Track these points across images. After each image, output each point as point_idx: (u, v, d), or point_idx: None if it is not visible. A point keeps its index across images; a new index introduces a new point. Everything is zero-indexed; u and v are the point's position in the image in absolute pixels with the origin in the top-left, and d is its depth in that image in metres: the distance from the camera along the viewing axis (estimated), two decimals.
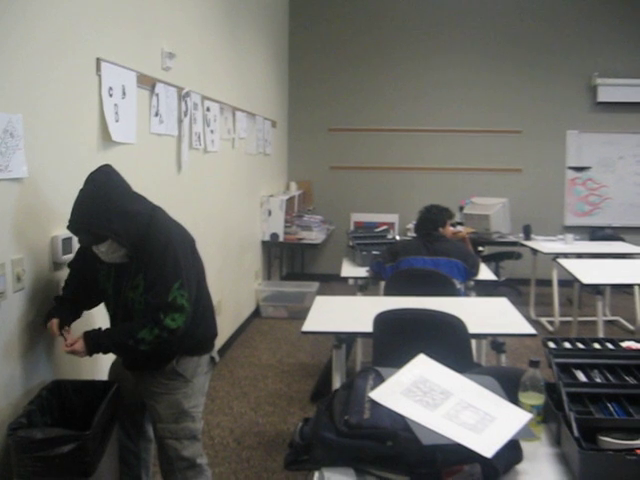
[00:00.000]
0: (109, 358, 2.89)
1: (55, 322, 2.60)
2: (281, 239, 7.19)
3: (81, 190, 2.48)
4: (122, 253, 2.53)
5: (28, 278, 2.57)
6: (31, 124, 2.53)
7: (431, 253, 4.47)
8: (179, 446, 2.70)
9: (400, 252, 4.50)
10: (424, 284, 4.11)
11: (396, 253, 4.52)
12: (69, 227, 2.50)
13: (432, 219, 4.66)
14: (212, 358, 2.84)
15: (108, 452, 2.53)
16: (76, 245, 2.76)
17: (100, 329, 2.59)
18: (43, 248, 2.69)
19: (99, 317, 2.86)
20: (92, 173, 2.51)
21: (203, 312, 2.73)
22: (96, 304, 2.80)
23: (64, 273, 2.82)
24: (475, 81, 8.49)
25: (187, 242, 2.68)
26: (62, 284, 2.79)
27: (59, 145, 2.79)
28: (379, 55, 8.58)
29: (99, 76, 3.10)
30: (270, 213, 7.08)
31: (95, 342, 2.53)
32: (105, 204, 2.45)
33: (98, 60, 3.08)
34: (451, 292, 4.13)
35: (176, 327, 2.49)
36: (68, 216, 2.47)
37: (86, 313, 2.82)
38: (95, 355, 2.60)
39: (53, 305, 2.69)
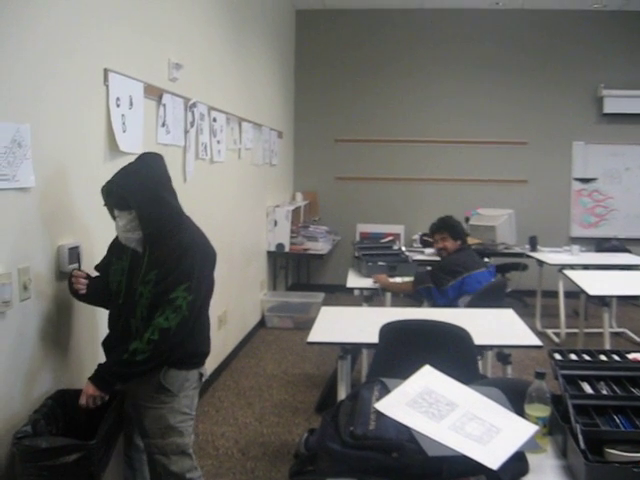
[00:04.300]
0: None
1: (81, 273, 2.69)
2: (287, 249, 7.20)
3: (129, 163, 2.61)
4: (138, 236, 2.56)
5: (34, 287, 2.57)
6: (39, 134, 2.54)
7: (479, 264, 4.43)
8: (167, 461, 2.66)
9: (459, 270, 4.31)
10: (493, 299, 4.15)
11: (455, 271, 4.32)
12: (103, 187, 2.58)
13: (465, 230, 4.59)
14: (201, 374, 2.78)
15: (113, 462, 2.54)
16: (83, 255, 2.79)
17: (99, 365, 2.57)
18: (49, 257, 2.70)
19: (102, 323, 2.86)
20: (144, 153, 2.69)
21: (200, 328, 2.71)
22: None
23: None
24: (481, 92, 8.51)
25: (209, 255, 2.70)
26: (68, 293, 2.79)
27: (66, 155, 2.80)
28: (385, 66, 8.60)
29: (107, 86, 3.11)
30: (276, 223, 7.09)
31: (99, 378, 2.50)
32: (142, 179, 2.55)
33: (106, 71, 3.10)
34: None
35: (167, 327, 2.47)
36: (74, 226, 2.48)
37: (88, 325, 2.82)
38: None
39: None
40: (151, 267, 2.56)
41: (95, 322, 3.00)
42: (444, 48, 8.53)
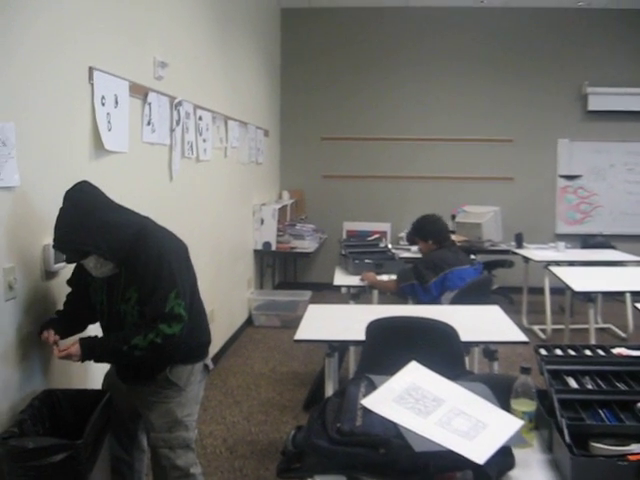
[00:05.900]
0: (100, 367, 2.88)
1: (51, 332, 2.58)
2: (273, 248, 7.19)
3: (60, 208, 2.48)
4: (111, 266, 2.53)
5: (20, 287, 2.56)
6: (23, 132, 2.53)
7: (463, 260, 4.45)
8: (172, 455, 2.69)
9: (441, 265, 4.35)
10: (479, 296, 4.16)
11: (437, 267, 4.35)
12: (54, 246, 2.52)
13: (447, 227, 4.64)
14: (206, 366, 2.83)
15: (100, 461, 2.52)
16: None
17: (96, 336, 2.59)
18: (35, 257, 2.69)
19: (92, 331, 2.85)
20: (67, 191, 2.50)
21: (196, 319, 2.72)
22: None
23: (56, 282, 2.82)
24: (466, 90, 8.54)
25: (180, 250, 2.67)
26: (54, 293, 2.79)
27: (51, 154, 2.78)
28: (371, 64, 8.61)
29: (91, 85, 3.10)
30: (262, 222, 7.08)
31: (90, 347, 2.52)
32: (81, 220, 2.44)
33: (90, 69, 3.08)
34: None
35: (171, 333, 2.48)
36: None
37: None
38: (87, 364, 2.60)
39: (51, 317, 2.69)
40: (129, 284, 2.55)
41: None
42: (430, 46, 8.54)
